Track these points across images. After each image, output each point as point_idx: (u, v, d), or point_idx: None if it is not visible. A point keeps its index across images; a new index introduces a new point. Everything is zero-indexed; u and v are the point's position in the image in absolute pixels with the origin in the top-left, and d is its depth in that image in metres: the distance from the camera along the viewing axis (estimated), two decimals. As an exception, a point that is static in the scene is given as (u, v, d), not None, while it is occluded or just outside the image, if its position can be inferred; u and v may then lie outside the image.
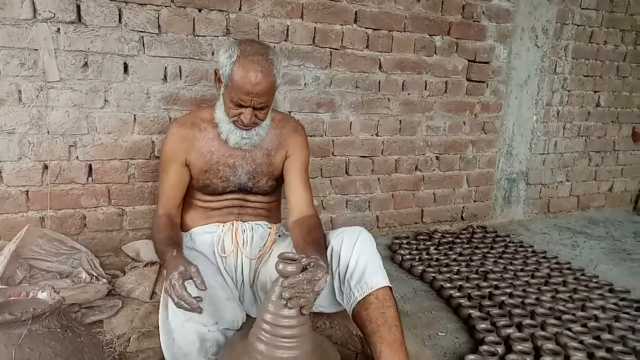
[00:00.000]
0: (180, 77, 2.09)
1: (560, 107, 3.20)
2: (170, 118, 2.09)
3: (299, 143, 1.78)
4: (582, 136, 3.35)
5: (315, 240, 1.52)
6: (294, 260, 1.26)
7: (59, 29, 1.86)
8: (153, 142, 2.09)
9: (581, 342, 1.60)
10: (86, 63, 1.92)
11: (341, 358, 1.42)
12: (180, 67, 2.08)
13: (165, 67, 2.06)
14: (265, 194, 1.80)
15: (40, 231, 1.94)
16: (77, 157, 1.98)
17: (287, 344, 1.25)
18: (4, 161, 1.87)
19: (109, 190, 2.06)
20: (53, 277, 1.83)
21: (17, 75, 1.83)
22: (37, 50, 1.84)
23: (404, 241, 2.56)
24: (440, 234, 2.71)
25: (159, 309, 1.64)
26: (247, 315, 1.70)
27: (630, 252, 2.76)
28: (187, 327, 1.43)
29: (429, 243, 2.57)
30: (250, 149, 1.70)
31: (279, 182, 1.81)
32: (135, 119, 2.04)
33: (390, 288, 1.45)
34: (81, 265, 1.93)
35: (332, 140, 2.50)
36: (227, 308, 1.58)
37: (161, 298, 1.64)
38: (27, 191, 1.93)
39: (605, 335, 1.65)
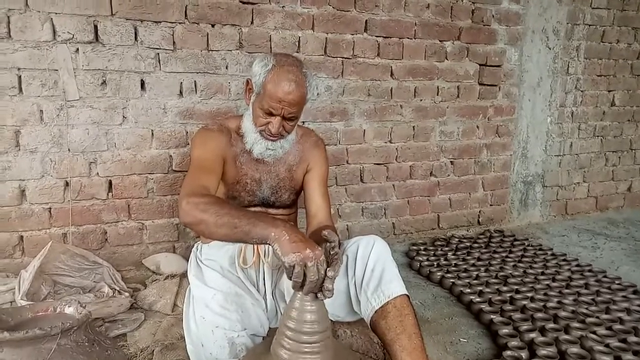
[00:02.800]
0: (196, 92, 2.13)
1: (574, 107, 3.17)
2: (187, 132, 2.13)
3: (319, 157, 1.81)
4: (597, 136, 3.31)
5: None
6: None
7: (77, 49, 1.91)
8: (170, 156, 2.13)
9: (607, 345, 1.57)
10: (104, 81, 1.97)
11: None
12: (195, 81, 2.12)
13: (181, 83, 2.10)
14: (286, 207, 1.82)
15: (63, 247, 1.98)
16: (98, 173, 2.02)
17: (309, 350, 1.25)
18: (27, 180, 1.92)
19: (128, 205, 2.10)
20: (76, 292, 1.87)
21: (39, 96, 1.88)
22: (57, 70, 1.89)
23: (421, 247, 2.56)
24: (457, 239, 2.70)
25: (181, 320, 1.68)
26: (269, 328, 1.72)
27: (652, 252, 2.71)
28: (217, 334, 1.46)
29: (446, 249, 2.55)
30: (274, 163, 1.73)
31: (298, 194, 1.84)
32: (152, 134, 2.08)
33: (408, 296, 1.45)
34: (103, 280, 1.97)
35: (346, 149, 2.51)
36: (254, 314, 1.60)
37: (184, 308, 1.68)
38: (50, 208, 1.97)
39: (632, 338, 1.62)
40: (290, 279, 1.16)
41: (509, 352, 1.52)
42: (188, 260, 1.89)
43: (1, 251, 1.92)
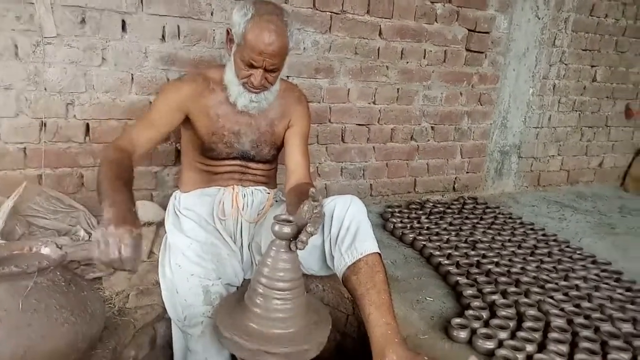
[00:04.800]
0: (179, 37, 2.06)
1: (557, 80, 3.21)
2: (168, 79, 2.08)
3: (302, 113, 1.81)
4: (576, 111, 3.38)
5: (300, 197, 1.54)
6: (290, 222, 1.30)
7: (55, -18, 1.82)
8: (150, 102, 2.08)
9: (562, 309, 1.67)
10: (83, 19, 1.89)
11: (333, 319, 1.49)
12: (178, 26, 2.05)
13: (164, 26, 2.03)
14: (266, 162, 1.83)
15: (38, 188, 1.96)
16: (75, 115, 1.98)
17: (281, 297, 1.30)
18: (1, 117, 1.86)
19: (106, 150, 2.07)
20: (52, 235, 1.87)
21: (13, 30, 1.80)
22: (32, 3, 1.80)
23: (396, 210, 2.61)
24: (432, 204, 2.77)
25: (156, 267, 1.71)
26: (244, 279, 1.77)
27: (614, 226, 2.83)
28: (191, 281, 1.50)
29: (420, 212, 2.62)
30: (255, 117, 1.71)
31: (279, 150, 1.84)
32: (132, 78, 2.03)
33: (380, 254, 1.50)
34: (79, 224, 1.96)
35: (330, 107, 2.50)
36: (229, 265, 1.65)
37: (159, 255, 1.70)
38: (25, 148, 1.93)
39: (585, 304, 1.72)
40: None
41: (470, 312, 1.60)
42: (165, 209, 1.90)
43: (-27, 189, 1.89)
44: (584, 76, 3.31)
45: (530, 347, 1.43)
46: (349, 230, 1.51)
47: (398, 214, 2.55)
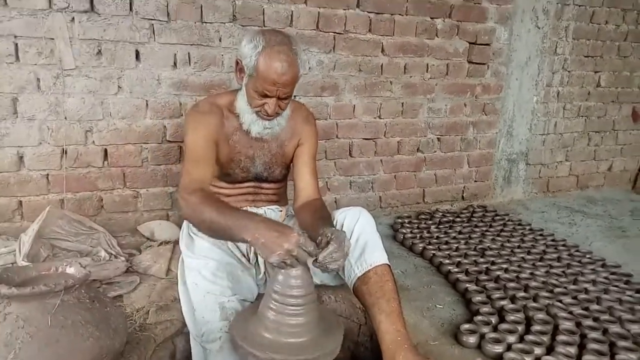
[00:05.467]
0: (190, 64, 2.17)
1: (561, 87, 3.25)
2: (180, 103, 2.18)
3: (310, 132, 1.86)
4: (582, 116, 3.40)
5: (323, 216, 1.61)
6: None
7: (73, 19, 1.93)
8: (164, 126, 2.19)
9: (570, 312, 1.70)
10: (100, 51, 2.01)
11: (346, 328, 1.54)
12: (189, 53, 2.16)
13: (175, 54, 2.13)
14: (277, 182, 1.89)
15: (60, 212, 2.05)
16: (94, 141, 2.08)
17: (294, 312, 1.36)
18: (25, 146, 1.98)
19: (124, 174, 2.16)
20: (74, 256, 1.95)
21: (35, 64, 1.92)
22: (53, 39, 1.92)
23: (406, 220, 2.66)
24: (441, 214, 2.81)
25: (175, 284, 1.78)
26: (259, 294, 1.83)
27: (625, 229, 2.84)
28: (208, 299, 1.55)
29: (430, 222, 2.66)
30: (268, 140, 1.76)
31: (289, 169, 1.90)
32: (147, 104, 2.13)
33: (389, 265, 1.55)
34: (100, 245, 2.05)
35: (336, 123, 2.58)
36: (244, 282, 1.69)
37: (177, 273, 1.77)
38: (47, 175, 2.04)
39: (594, 306, 1.75)
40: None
41: (480, 317, 1.64)
42: (181, 228, 1.98)
43: (1, 215, 1.99)
44: (587, 82, 3.34)
45: (538, 350, 1.46)
46: (358, 242, 1.57)
47: (408, 225, 2.59)
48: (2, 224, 2.00)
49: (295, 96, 2.37)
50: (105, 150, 2.11)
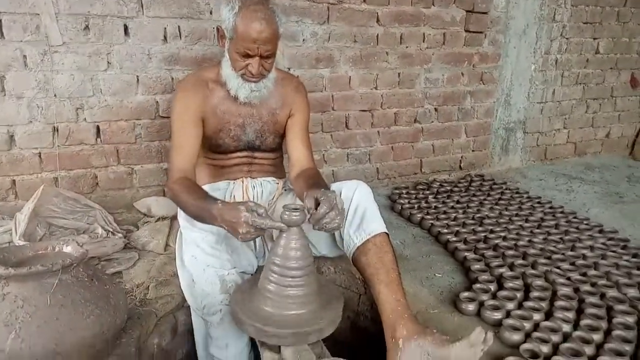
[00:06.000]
0: (180, 37, 2.11)
1: (559, 55, 3.20)
2: (172, 78, 2.14)
3: (301, 103, 1.86)
4: (580, 84, 3.37)
5: (317, 182, 1.62)
6: (297, 209, 1.35)
7: (58, -8, 1.87)
8: (157, 102, 2.15)
9: (568, 278, 1.71)
10: (87, 26, 1.95)
11: (346, 298, 1.55)
12: (179, 27, 2.10)
13: (165, 28, 2.08)
14: (271, 151, 1.88)
15: (55, 190, 2.03)
16: (85, 119, 2.04)
17: (294, 283, 1.36)
18: (15, 125, 1.94)
19: (117, 150, 2.14)
20: (71, 234, 1.94)
21: (21, 41, 1.86)
22: (38, 14, 1.86)
23: (404, 191, 2.65)
24: (438, 183, 2.80)
25: (173, 259, 1.78)
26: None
27: (622, 195, 2.85)
28: (208, 272, 1.56)
29: (427, 192, 2.66)
30: (257, 107, 1.77)
31: (282, 138, 1.89)
32: (138, 80, 2.09)
33: (387, 234, 1.55)
34: (96, 222, 2.03)
35: (332, 95, 2.54)
36: (243, 254, 1.70)
37: (176, 247, 1.77)
38: (40, 153, 2.01)
39: (592, 272, 1.76)
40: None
41: (478, 285, 1.65)
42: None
43: (-5, 195, 1.97)
44: (586, 49, 3.29)
45: (537, 316, 1.48)
46: (357, 212, 1.57)
47: (405, 195, 2.59)
48: (-4, 204, 1.98)
49: (289, 68, 2.34)
50: (98, 127, 2.08)
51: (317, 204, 1.35)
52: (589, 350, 1.31)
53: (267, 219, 1.32)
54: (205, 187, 1.85)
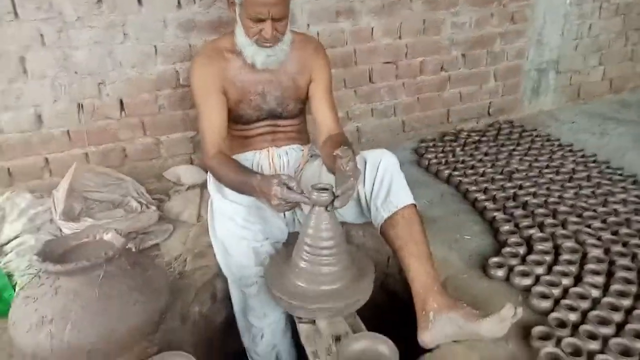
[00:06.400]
0: (195, 2, 2.04)
1: (597, -16, 2.95)
2: (190, 45, 2.09)
3: (322, 65, 1.81)
4: (620, 14, 3.12)
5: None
6: (326, 189, 1.36)
7: (66, -35, 1.81)
8: (177, 71, 2.12)
9: (599, 238, 1.70)
10: (99, -2, 1.90)
11: (375, 261, 1.59)
12: (192, -10, 2.02)
13: (178, -8, 2.00)
14: (294, 117, 1.87)
15: (86, 166, 2.09)
16: (108, 94, 2.05)
17: (326, 261, 1.40)
18: (41, 105, 1.96)
19: (142, 122, 2.15)
20: (107, 208, 2.01)
21: (36, 19, 1.84)
22: (49, -10, 1.81)
23: (430, 144, 2.61)
24: (466, 133, 2.74)
25: (207, 230, 1.83)
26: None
27: (660, 136, 2.73)
28: (241, 244, 1.61)
29: (454, 144, 2.61)
30: (275, 73, 1.73)
31: (304, 103, 1.86)
32: (156, 50, 2.05)
33: (415, 205, 1.55)
34: (129, 194, 2.10)
35: (354, 49, 2.45)
36: (274, 224, 1.74)
37: (208, 219, 1.81)
38: (68, 131, 2.04)
39: (623, 230, 1.74)
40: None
41: (507, 249, 1.66)
42: (207, 172, 1.99)
43: (31, 174, 2.04)
44: (628, -26, 3.02)
45: (566, 281, 1.49)
46: (383, 184, 1.56)
47: (432, 149, 2.55)
48: (33, 182, 2.05)
49: (308, 25, 2.25)
50: (121, 101, 2.08)
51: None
52: (617, 317, 1.33)
53: (296, 193, 1.36)
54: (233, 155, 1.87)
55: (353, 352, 1.28)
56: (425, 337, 1.35)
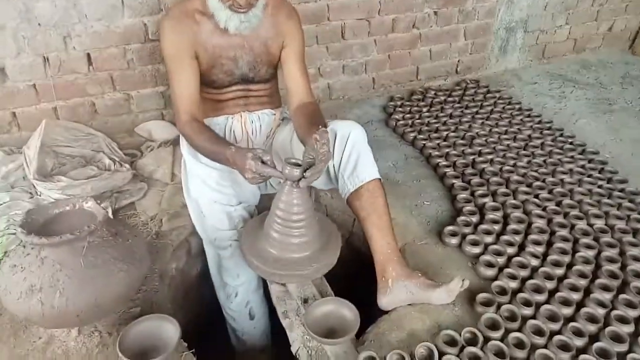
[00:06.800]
0: (163, -49, 1.95)
1: (573, -58, 2.95)
2: (158, -2, 2.02)
3: (295, 31, 1.80)
4: (591, -26, 3.16)
5: (317, 123, 1.64)
6: (298, 165, 1.45)
7: None
8: (145, 24, 2.06)
9: (544, 208, 1.87)
10: (60, -56, 1.78)
11: (341, 221, 1.71)
12: (159, -62, 1.92)
13: (145, -60, 1.90)
14: (265, 82, 1.88)
15: (56, 122, 2.07)
16: (74, 47, 1.98)
17: (296, 232, 1.52)
18: (4, 57, 1.89)
19: (111, 77, 2.11)
20: (79, 164, 2.03)
21: (-7, -33, 1.73)
22: None
23: (398, 103, 2.69)
24: (433, 92, 2.81)
25: (181, 190, 1.89)
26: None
27: (612, 102, 2.90)
28: (215, 207, 1.70)
29: (422, 104, 2.69)
30: (248, 38, 1.73)
31: (276, 68, 1.88)
32: (123, 2, 1.97)
33: (380, 179, 1.66)
34: (101, 150, 2.11)
35: (327, 5, 2.42)
36: (246, 187, 1.80)
37: (182, 180, 1.86)
38: (34, 84, 1.99)
39: (566, 200, 1.92)
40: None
41: (462, 218, 1.81)
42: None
43: (-1, 128, 2.01)
44: None
45: (511, 250, 1.67)
46: (350, 157, 1.65)
47: (400, 109, 2.63)
48: (2, 136, 2.03)
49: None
50: (88, 55, 2.02)
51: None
52: (550, 285, 1.53)
53: (270, 168, 1.42)
54: (205, 121, 1.89)
55: (319, 314, 1.44)
56: (384, 301, 1.51)
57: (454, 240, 1.72)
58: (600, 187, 2.02)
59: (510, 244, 1.69)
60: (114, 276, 1.34)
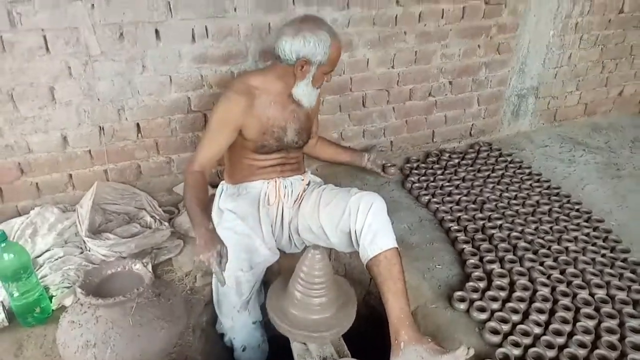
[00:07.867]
0: (207, 36, 2.22)
1: (580, 18, 3.16)
2: (202, 75, 2.29)
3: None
4: (598, 45, 3.36)
5: (338, 145, 2.62)
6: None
7: (93, 5, 1.97)
8: (189, 98, 2.32)
9: (549, 276, 2.00)
10: (122, 34, 2.07)
11: (359, 280, 1.89)
12: (206, 26, 2.20)
13: (192, 29, 2.18)
14: (300, 148, 2.15)
15: (106, 183, 2.32)
16: (126, 118, 2.25)
17: (316, 294, 1.69)
18: (67, 128, 2.16)
19: (156, 143, 2.37)
20: (123, 220, 2.26)
21: (64, 53, 2.01)
22: (77, 28, 1.98)
23: (414, 165, 2.87)
24: (448, 154, 3.00)
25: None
26: (283, 252, 2.16)
27: (620, 167, 3.02)
28: (227, 272, 1.87)
29: (436, 167, 2.87)
30: (297, 110, 2.03)
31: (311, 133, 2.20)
32: (171, 80, 2.24)
33: (397, 248, 1.84)
34: (144, 208, 2.35)
35: (350, 78, 2.66)
36: (261, 253, 1.98)
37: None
38: (90, 150, 2.25)
39: (570, 269, 2.04)
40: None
41: (470, 283, 1.95)
42: (212, 187, 2.24)
43: (57, 188, 2.26)
44: (610, 9, 3.23)
45: (515, 317, 1.80)
46: (371, 227, 1.84)
47: (416, 171, 2.81)
48: (59, 195, 2.28)
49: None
50: (138, 125, 2.29)
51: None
52: (551, 353, 1.65)
53: (218, 268, 1.62)
54: (242, 185, 2.11)
55: (336, 374, 1.59)
56: (396, 362, 1.66)
57: (463, 306, 1.86)
58: (603, 256, 2.14)
59: (515, 311, 1.82)
60: (156, 333, 1.53)
